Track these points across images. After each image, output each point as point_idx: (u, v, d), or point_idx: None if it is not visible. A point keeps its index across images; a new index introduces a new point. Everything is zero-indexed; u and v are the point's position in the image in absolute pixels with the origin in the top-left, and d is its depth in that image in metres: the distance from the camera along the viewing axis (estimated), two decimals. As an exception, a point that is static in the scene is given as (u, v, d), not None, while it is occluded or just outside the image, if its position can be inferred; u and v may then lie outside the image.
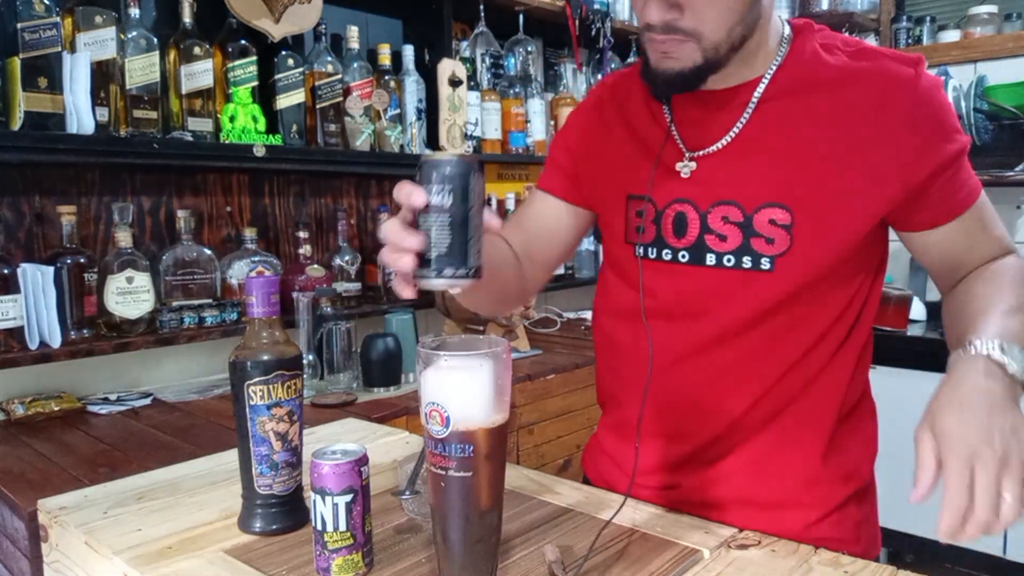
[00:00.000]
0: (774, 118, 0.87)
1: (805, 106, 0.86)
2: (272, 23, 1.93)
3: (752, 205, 0.87)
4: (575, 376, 2.15)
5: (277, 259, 2.05)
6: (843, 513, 0.94)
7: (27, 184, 1.71)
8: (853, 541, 0.94)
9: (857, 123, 0.84)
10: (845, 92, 0.85)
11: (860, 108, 0.84)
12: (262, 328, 0.83)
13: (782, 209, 0.86)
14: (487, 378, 0.66)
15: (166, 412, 1.69)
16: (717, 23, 0.82)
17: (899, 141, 0.83)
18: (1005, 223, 0.94)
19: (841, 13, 3.04)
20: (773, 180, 0.86)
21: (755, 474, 0.93)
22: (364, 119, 2.13)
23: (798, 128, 0.86)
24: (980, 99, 2.81)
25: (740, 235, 0.88)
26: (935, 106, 0.84)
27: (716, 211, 0.89)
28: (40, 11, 1.54)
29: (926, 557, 2.73)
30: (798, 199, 0.85)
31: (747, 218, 0.87)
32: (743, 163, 0.88)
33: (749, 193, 0.87)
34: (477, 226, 0.67)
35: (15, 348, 1.57)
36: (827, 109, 0.85)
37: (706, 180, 0.90)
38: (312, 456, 0.75)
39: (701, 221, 0.90)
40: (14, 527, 1.18)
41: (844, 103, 0.84)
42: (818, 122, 0.85)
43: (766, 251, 0.87)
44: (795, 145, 0.86)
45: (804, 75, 0.87)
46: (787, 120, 0.87)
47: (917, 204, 0.86)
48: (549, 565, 0.75)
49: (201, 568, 0.77)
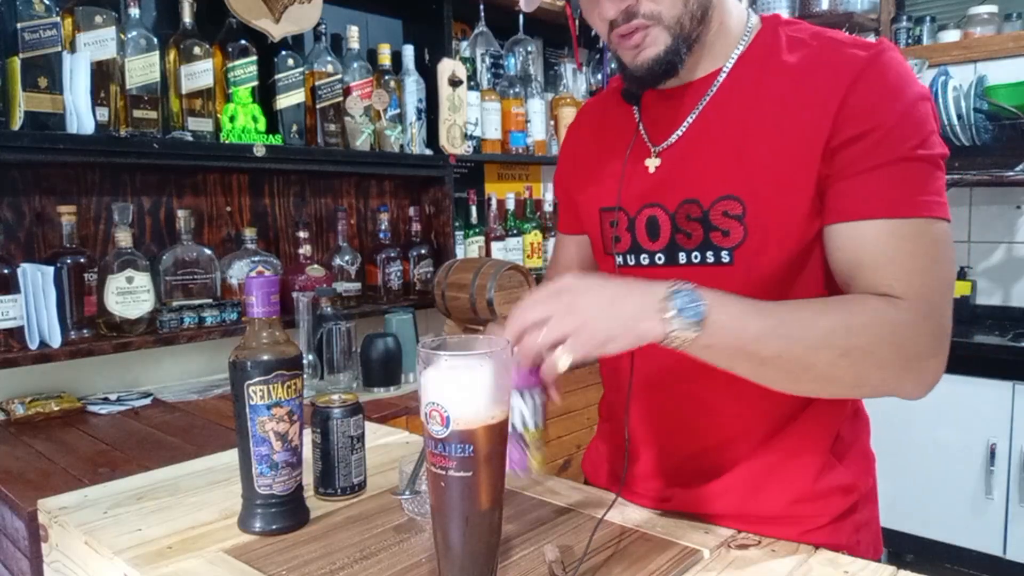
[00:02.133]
0: (728, 110, 0.87)
1: (759, 97, 0.85)
2: (272, 23, 1.93)
3: (708, 199, 0.87)
4: (575, 376, 2.15)
5: (277, 259, 2.05)
6: (842, 522, 0.93)
7: (27, 184, 1.71)
8: (853, 546, 0.93)
9: (803, 110, 0.82)
10: (798, 82, 0.83)
11: (808, 96, 0.82)
12: (262, 328, 0.83)
13: (735, 200, 0.85)
14: (487, 378, 0.66)
15: (166, 412, 1.69)
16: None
17: (829, 107, 0.80)
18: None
19: (841, 13, 3.04)
20: (724, 172, 0.86)
21: (751, 488, 0.92)
22: (364, 119, 2.13)
23: (749, 119, 0.85)
24: (980, 99, 2.82)
25: (701, 230, 0.88)
26: (880, 80, 0.79)
27: (682, 210, 0.89)
28: (40, 11, 1.54)
29: (926, 557, 2.73)
30: (748, 189, 0.84)
31: (704, 213, 0.87)
32: (698, 156, 0.89)
33: (705, 187, 0.87)
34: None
35: (15, 348, 1.57)
36: (779, 100, 0.84)
37: (670, 176, 0.91)
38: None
39: (672, 222, 0.91)
40: (14, 527, 1.18)
41: (795, 93, 0.83)
42: (769, 112, 0.84)
43: (724, 243, 0.86)
44: (745, 136, 0.85)
45: (762, 67, 0.87)
46: (740, 111, 0.86)
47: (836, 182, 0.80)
48: (549, 565, 0.75)
49: (201, 568, 0.77)
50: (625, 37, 0.85)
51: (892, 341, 0.74)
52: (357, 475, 0.95)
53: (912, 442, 2.74)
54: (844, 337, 0.73)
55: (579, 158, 1.05)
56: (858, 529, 0.94)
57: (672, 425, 0.96)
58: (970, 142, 2.85)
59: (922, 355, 0.76)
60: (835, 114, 0.79)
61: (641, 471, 1.00)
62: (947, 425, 2.68)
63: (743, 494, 0.92)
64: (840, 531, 0.92)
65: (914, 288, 0.76)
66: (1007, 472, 2.59)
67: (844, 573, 0.75)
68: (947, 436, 2.69)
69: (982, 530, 2.64)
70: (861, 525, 0.95)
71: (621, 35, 0.85)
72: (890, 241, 0.77)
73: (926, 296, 0.76)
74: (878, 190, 0.77)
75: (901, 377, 0.76)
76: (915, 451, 2.75)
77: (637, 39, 0.84)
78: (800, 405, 0.90)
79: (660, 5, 0.82)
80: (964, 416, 2.65)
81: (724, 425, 0.92)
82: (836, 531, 0.92)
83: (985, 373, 2.60)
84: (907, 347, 0.75)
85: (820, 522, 0.91)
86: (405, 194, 2.49)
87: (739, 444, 0.92)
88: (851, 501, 0.93)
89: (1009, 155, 2.82)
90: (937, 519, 2.68)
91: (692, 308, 0.70)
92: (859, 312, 0.75)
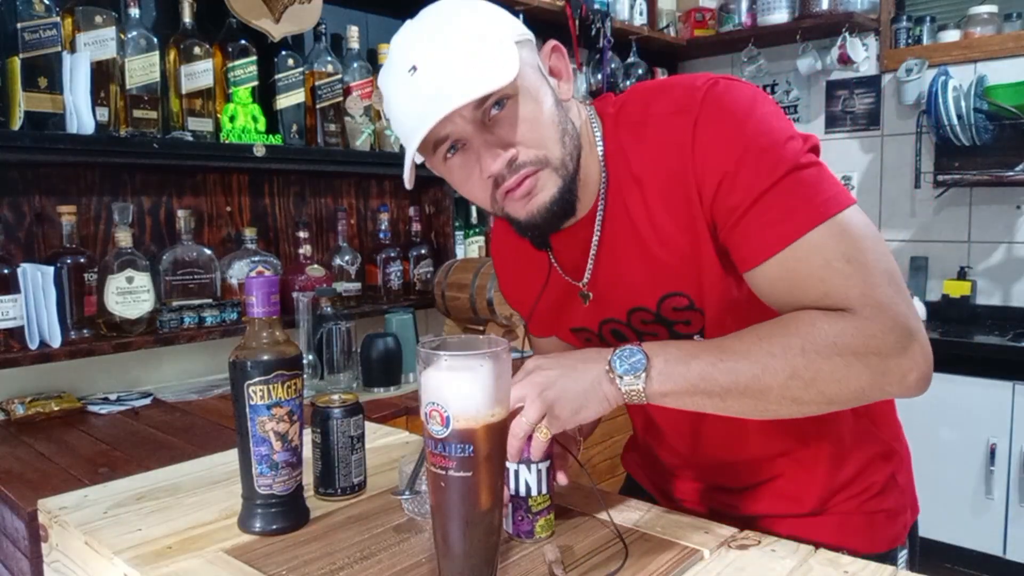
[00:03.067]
0: (622, 225, 0.86)
1: (637, 202, 0.84)
2: (272, 23, 1.93)
3: (652, 303, 0.88)
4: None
5: (277, 259, 2.05)
6: (891, 487, 0.97)
7: (27, 184, 1.71)
8: (901, 510, 0.98)
9: (673, 189, 0.81)
10: (654, 175, 0.83)
11: (669, 176, 0.81)
12: (262, 328, 0.83)
13: (678, 295, 0.86)
14: (487, 378, 0.66)
15: (166, 412, 1.69)
16: (551, 140, 0.80)
17: (688, 179, 0.80)
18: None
19: (841, 13, 3.04)
20: (650, 278, 0.86)
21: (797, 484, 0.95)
22: (364, 119, 2.13)
23: (642, 225, 0.85)
24: (980, 99, 2.81)
25: (663, 328, 0.89)
26: (709, 128, 0.78)
27: (635, 317, 0.90)
28: (40, 11, 1.54)
29: (926, 557, 2.73)
30: (681, 282, 0.85)
31: (656, 315, 0.88)
32: (619, 275, 0.89)
33: (642, 294, 0.88)
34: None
35: (15, 348, 1.57)
36: (652, 197, 0.83)
37: (607, 300, 0.92)
38: None
39: (631, 330, 0.92)
40: (14, 527, 1.18)
41: (658, 186, 0.82)
42: (651, 212, 0.83)
43: (689, 331, 0.88)
44: (648, 241, 0.84)
45: (623, 173, 0.85)
46: (631, 222, 0.85)
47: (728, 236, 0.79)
48: (549, 565, 0.75)
49: (201, 568, 0.77)
50: (512, 191, 0.80)
51: (840, 353, 0.71)
52: (357, 475, 0.95)
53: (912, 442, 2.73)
54: (783, 358, 0.72)
55: (516, 283, 1.05)
56: (903, 492, 0.98)
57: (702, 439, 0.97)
58: (970, 142, 2.84)
59: (884, 354, 0.72)
60: (694, 182, 0.79)
61: (684, 485, 1.04)
62: (947, 425, 2.68)
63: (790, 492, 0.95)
64: (889, 496, 0.96)
65: (848, 296, 0.73)
66: (1007, 472, 2.59)
67: (844, 573, 0.75)
68: (947, 436, 2.69)
69: (982, 530, 2.64)
70: (904, 487, 0.99)
71: (508, 190, 0.80)
72: (799, 268, 0.74)
73: (864, 296, 0.73)
74: (763, 228, 0.76)
75: (876, 382, 0.73)
76: (915, 451, 2.74)
77: (527, 186, 0.80)
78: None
79: (543, 149, 0.80)
80: (964, 416, 2.65)
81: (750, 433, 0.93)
82: (885, 497, 0.96)
83: (985, 373, 2.60)
84: (864, 354, 0.72)
85: (871, 493, 0.95)
86: (405, 194, 2.48)
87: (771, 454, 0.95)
88: (892, 466, 0.97)
89: (1009, 155, 2.81)
90: (937, 519, 2.68)
91: (631, 363, 0.75)
92: (795, 331, 0.73)
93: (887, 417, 1.00)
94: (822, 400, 0.74)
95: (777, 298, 0.78)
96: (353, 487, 0.95)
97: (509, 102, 0.78)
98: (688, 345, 0.77)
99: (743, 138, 0.76)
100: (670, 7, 3.52)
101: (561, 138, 0.81)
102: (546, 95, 0.81)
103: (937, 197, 3.05)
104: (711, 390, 0.75)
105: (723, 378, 0.74)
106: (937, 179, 2.98)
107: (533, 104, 0.79)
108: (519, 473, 0.81)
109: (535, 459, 0.80)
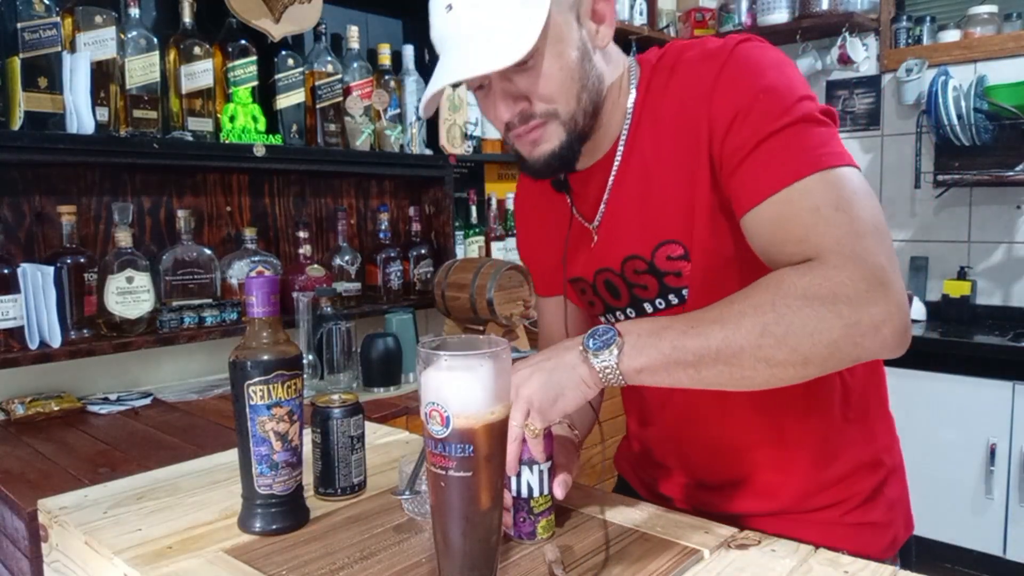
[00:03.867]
0: (635, 167, 0.90)
1: (653, 144, 0.88)
2: (272, 23, 1.93)
3: (648, 250, 0.90)
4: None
5: (277, 259, 2.05)
6: (875, 500, 0.95)
7: (27, 184, 1.71)
8: (887, 524, 0.96)
9: (688, 135, 0.84)
10: (677, 114, 0.85)
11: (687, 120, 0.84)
12: (262, 328, 0.83)
13: (673, 244, 0.87)
14: (487, 378, 0.66)
15: (166, 412, 1.69)
16: (564, 96, 0.84)
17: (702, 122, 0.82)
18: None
19: (841, 13, 3.04)
20: (652, 223, 0.89)
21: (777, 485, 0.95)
22: (364, 119, 2.13)
23: (653, 167, 0.88)
24: (980, 99, 2.82)
25: (654, 280, 0.91)
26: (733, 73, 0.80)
27: (628, 266, 0.92)
28: (40, 11, 1.54)
29: (926, 557, 2.73)
30: (679, 229, 0.87)
31: (650, 264, 0.90)
32: (624, 218, 0.92)
33: (640, 241, 0.90)
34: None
35: (15, 348, 1.57)
36: (667, 137, 0.86)
37: (608, 244, 0.94)
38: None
39: (623, 280, 0.94)
40: (14, 527, 1.18)
41: (675, 125, 0.85)
42: (664, 153, 0.87)
43: (679, 284, 0.89)
44: (656, 184, 0.88)
45: (647, 115, 0.89)
46: (644, 164, 0.89)
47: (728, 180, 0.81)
48: (549, 565, 0.75)
49: (201, 568, 0.77)
50: (520, 136, 0.86)
51: (809, 303, 0.70)
52: (357, 475, 0.95)
53: (912, 442, 2.73)
54: (754, 316, 0.71)
55: (531, 234, 1.11)
56: (892, 507, 0.96)
57: (690, 437, 0.99)
58: (970, 142, 2.85)
59: (854, 302, 0.69)
60: (708, 120, 0.81)
61: (670, 482, 1.04)
62: (947, 425, 2.68)
63: (772, 490, 0.95)
64: (875, 509, 0.94)
65: (825, 242, 0.72)
66: (1007, 472, 2.59)
67: (844, 573, 0.75)
68: (947, 436, 2.69)
69: (982, 530, 2.64)
70: (894, 502, 0.97)
71: (518, 135, 0.87)
72: (787, 210, 0.75)
73: (841, 244, 0.72)
74: (762, 170, 0.77)
75: (848, 333, 0.70)
76: (915, 451, 2.74)
77: (535, 135, 0.86)
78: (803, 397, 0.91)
79: (555, 103, 0.84)
80: (964, 416, 2.65)
81: (735, 433, 0.95)
82: (871, 509, 0.94)
83: (985, 373, 2.60)
84: (832, 304, 0.69)
85: (855, 502, 0.94)
86: (405, 194, 2.49)
87: (753, 444, 0.95)
88: (881, 476, 0.96)
89: (1009, 155, 2.82)
90: (937, 519, 2.68)
91: (603, 340, 0.75)
92: (764, 288, 0.73)
93: (879, 426, 0.98)
94: (797, 359, 0.71)
95: (765, 245, 0.78)
96: (353, 487, 0.95)
97: (532, 56, 0.80)
98: (661, 319, 0.77)
99: (762, 83, 0.79)
100: (670, 7, 3.52)
101: (578, 94, 0.84)
102: (572, 47, 0.83)
103: (937, 197, 3.05)
104: (684, 359, 0.73)
105: (694, 344, 0.72)
106: (937, 179, 2.98)
107: (555, 59, 0.82)
108: (521, 474, 0.81)
109: (537, 459, 0.80)
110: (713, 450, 0.98)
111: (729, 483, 0.98)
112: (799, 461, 0.94)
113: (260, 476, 0.83)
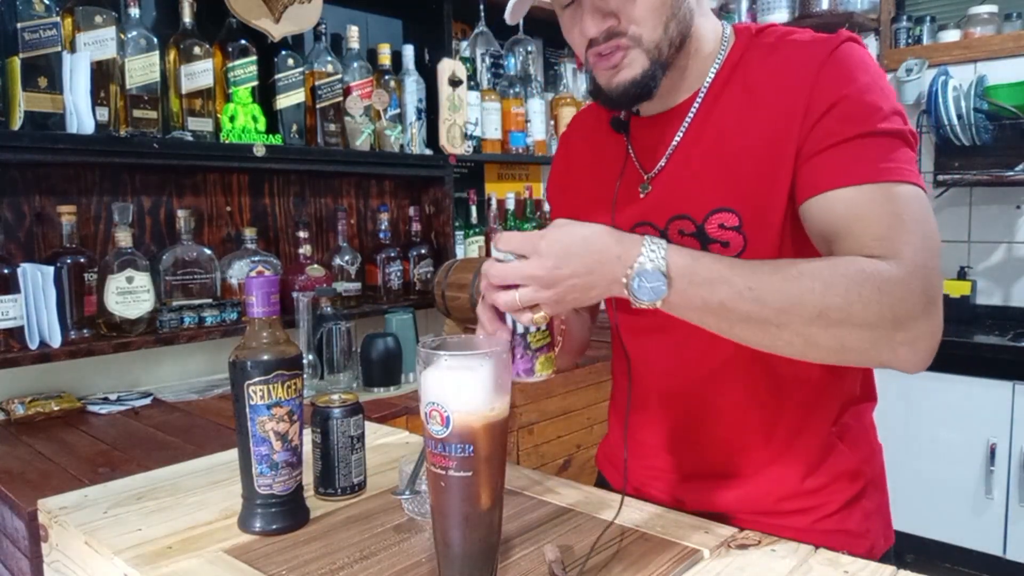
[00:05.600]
0: (710, 128, 0.89)
1: (738, 110, 0.87)
2: (272, 23, 1.93)
3: (701, 214, 0.88)
4: (575, 376, 2.16)
5: (277, 259, 2.05)
6: (851, 508, 0.94)
7: (27, 184, 1.71)
8: (863, 533, 0.94)
9: (778, 112, 0.84)
10: (771, 88, 0.85)
11: (781, 97, 0.84)
12: (262, 328, 0.83)
13: (729, 212, 0.86)
14: (487, 378, 0.66)
15: (166, 412, 1.69)
16: (653, 21, 0.83)
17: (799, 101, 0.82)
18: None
19: (841, 13, 3.04)
20: (714, 186, 0.87)
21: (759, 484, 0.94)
22: (364, 119, 2.13)
23: (732, 132, 0.87)
24: (980, 99, 2.82)
25: (698, 245, 0.88)
26: (841, 64, 0.81)
27: (673, 226, 0.90)
28: (40, 11, 1.54)
29: (926, 557, 2.73)
30: (740, 199, 0.86)
31: (699, 227, 0.88)
32: (687, 175, 0.90)
33: (696, 202, 0.88)
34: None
35: (15, 348, 1.57)
36: (757, 108, 0.86)
37: (661, 198, 0.92)
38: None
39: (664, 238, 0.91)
40: (14, 527, 1.18)
41: (770, 99, 0.85)
42: (750, 122, 0.86)
43: (724, 254, 0.87)
44: (730, 149, 0.87)
45: (737, 81, 0.88)
46: (722, 127, 0.88)
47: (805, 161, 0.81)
48: (549, 565, 0.75)
49: (201, 568, 0.77)
50: (603, 57, 0.85)
51: (877, 299, 0.71)
52: (357, 475, 0.95)
53: (912, 442, 2.74)
54: (820, 295, 0.71)
55: (571, 176, 1.07)
56: (868, 516, 0.95)
57: (677, 430, 0.98)
58: (970, 142, 2.85)
59: (912, 315, 0.72)
60: (806, 101, 0.81)
61: (653, 474, 1.02)
62: (947, 425, 2.68)
63: (751, 491, 0.94)
64: (849, 518, 0.93)
65: (896, 247, 0.74)
66: (1007, 472, 2.59)
67: (844, 573, 0.75)
68: (947, 436, 2.69)
69: (982, 530, 2.64)
70: (871, 512, 0.96)
71: (599, 54, 0.85)
72: (862, 206, 0.76)
73: (910, 254, 0.73)
74: (845, 161, 0.78)
75: (891, 339, 0.72)
76: (915, 451, 2.75)
77: (616, 59, 0.85)
78: (800, 398, 0.91)
79: (642, 28, 0.83)
80: (964, 416, 2.65)
81: (725, 427, 0.94)
82: (846, 518, 0.93)
83: (985, 373, 2.60)
84: (896, 306, 0.71)
85: (829, 509, 0.93)
86: (405, 194, 2.49)
87: (742, 444, 0.94)
88: (858, 487, 0.94)
89: (1009, 155, 2.82)
90: (937, 519, 2.68)
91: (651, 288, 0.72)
92: (843, 269, 0.72)
93: (863, 436, 0.98)
94: (835, 346, 0.72)
95: (821, 233, 0.79)
96: (353, 487, 0.95)
97: None
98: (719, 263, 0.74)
99: (867, 82, 0.80)
100: (670, 7, 3.51)
101: (666, 22, 0.84)
102: None
103: (937, 197, 3.05)
104: (728, 317, 0.73)
105: (745, 308, 0.72)
106: (937, 179, 2.98)
107: None
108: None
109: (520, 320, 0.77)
110: (701, 446, 0.97)
111: (711, 481, 0.96)
112: (784, 467, 0.93)
113: (260, 476, 0.83)
